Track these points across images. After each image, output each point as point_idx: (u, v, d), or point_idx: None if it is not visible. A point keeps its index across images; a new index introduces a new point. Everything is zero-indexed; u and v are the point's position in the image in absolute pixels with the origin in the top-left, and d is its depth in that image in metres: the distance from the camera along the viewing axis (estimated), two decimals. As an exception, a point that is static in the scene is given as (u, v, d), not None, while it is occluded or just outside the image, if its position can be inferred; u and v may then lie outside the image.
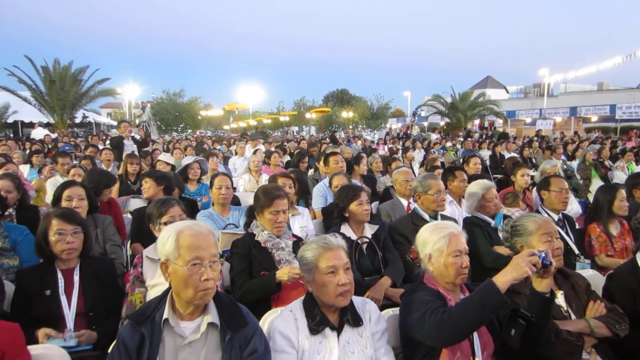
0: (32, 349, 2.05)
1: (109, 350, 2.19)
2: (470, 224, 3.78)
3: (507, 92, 54.87)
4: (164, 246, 1.92)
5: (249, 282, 2.92)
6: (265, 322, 2.36)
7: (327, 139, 15.05)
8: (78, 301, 2.75)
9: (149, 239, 3.60)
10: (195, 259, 1.87)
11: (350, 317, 2.21)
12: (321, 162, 6.62)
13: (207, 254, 1.90)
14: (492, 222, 3.82)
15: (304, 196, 5.45)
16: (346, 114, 45.22)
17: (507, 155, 10.89)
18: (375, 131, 45.01)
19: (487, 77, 58.70)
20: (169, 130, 42.80)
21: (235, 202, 5.04)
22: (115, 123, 34.81)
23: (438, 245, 2.33)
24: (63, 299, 2.73)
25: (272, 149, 10.60)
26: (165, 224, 2.93)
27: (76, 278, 2.81)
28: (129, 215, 4.83)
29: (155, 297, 2.04)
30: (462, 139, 18.75)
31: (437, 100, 32.88)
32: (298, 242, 3.25)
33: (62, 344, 2.44)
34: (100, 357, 2.64)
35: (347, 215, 3.56)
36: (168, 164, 6.38)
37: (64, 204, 3.62)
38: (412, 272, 3.48)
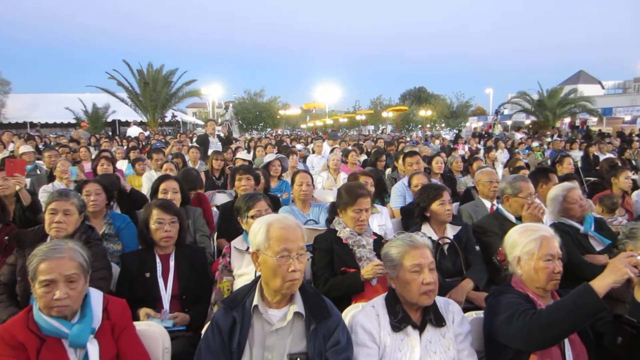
0: (137, 324, 2.25)
1: (203, 331, 2.37)
2: (558, 231, 3.56)
3: (603, 87, 50.70)
4: (255, 237, 2.04)
5: (334, 279, 2.99)
6: (347, 316, 2.40)
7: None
8: (173, 284, 2.98)
9: (235, 233, 3.81)
10: (284, 251, 1.96)
11: (433, 317, 2.19)
12: (400, 161, 6.56)
13: (294, 246, 1.98)
14: (582, 228, 3.56)
15: (380, 195, 5.44)
16: (424, 113, 44.24)
17: (601, 156, 10.10)
18: (455, 130, 43.62)
19: (579, 71, 54.56)
20: (249, 129, 44.44)
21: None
22: (200, 122, 36.80)
23: (528, 248, 2.25)
24: (160, 281, 2.97)
25: (349, 147, 10.68)
26: (252, 217, 3.08)
27: (172, 263, 3.05)
28: (215, 209, 5.11)
29: (245, 285, 2.16)
30: (550, 139, 17.63)
31: (523, 98, 31.08)
32: (379, 240, 3.28)
33: (159, 323, 2.65)
34: (192, 338, 2.84)
35: (428, 215, 3.52)
36: (245, 160, 6.67)
37: (160, 196, 3.93)
38: (497, 275, 3.38)
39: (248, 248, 3.08)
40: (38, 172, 7.75)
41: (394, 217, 5.07)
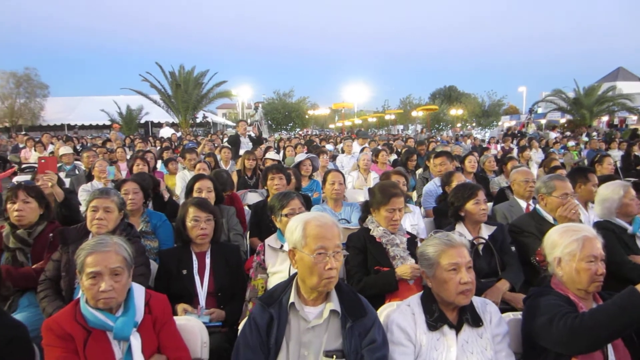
0: (176, 319, 2.31)
1: (240, 327, 2.41)
2: (603, 229, 3.45)
3: (644, 84, 48.61)
4: (292, 235, 2.06)
5: (368, 278, 3.00)
6: (382, 314, 2.39)
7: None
8: (209, 281, 3.04)
9: (267, 231, 3.86)
10: (321, 249, 1.98)
11: (470, 317, 2.16)
12: (431, 161, 6.50)
13: (331, 244, 1.99)
14: (630, 228, 3.44)
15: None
16: (455, 112, 43.57)
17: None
18: (487, 129, 42.79)
19: (618, 68, 52.48)
20: (278, 129, 44.79)
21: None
22: (230, 123, 37.29)
23: (569, 248, 2.20)
24: (197, 278, 3.04)
25: (379, 147, 10.63)
26: (286, 215, 3.12)
27: (208, 261, 3.11)
28: (247, 208, 5.18)
29: (282, 282, 2.18)
30: (586, 138, 17.09)
31: (558, 96, 30.20)
32: (413, 239, 3.26)
33: (197, 318, 2.70)
34: (227, 334, 2.89)
35: (462, 214, 3.47)
36: (275, 160, 6.72)
37: (194, 194, 4.01)
38: (534, 276, 3.31)
39: (282, 246, 3.12)
40: (77, 172, 8.03)
41: (427, 217, 5.03)
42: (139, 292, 2.14)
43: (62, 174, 6.82)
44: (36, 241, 3.21)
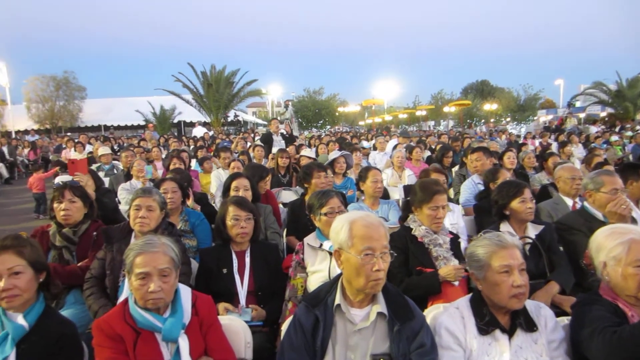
0: (220, 319, 2.30)
1: (283, 328, 2.38)
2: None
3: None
4: (337, 235, 2.01)
5: (409, 279, 2.92)
6: (428, 317, 2.32)
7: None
8: (249, 280, 3.03)
9: (305, 230, 3.83)
10: (368, 250, 1.92)
11: (524, 321, 2.06)
12: (468, 157, 6.33)
13: (378, 245, 1.94)
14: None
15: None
16: (489, 107, 42.54)
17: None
18: (522, 124, 41.59)
19: (663, 58, 50.15)
20: (309, 127, 44.84)
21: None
22: (260, 121, 37.57)
23: (615, 252, 2.06)
24: (237, 277, 3.03)
25: (412, 143, 10.47)
26: (326, 214, 3.07)
27: (247, 260, 3.10)
28: (281, 206, 5.17)
29: (326, 282, 2.14)
30: (630, 132, 16.38)
31: (599, 88, 29.06)
32: (456, 239, 3.16)
33: (238, 317, 2.69)
34: (268, 334, 2.87)
35: (507, 213, 3.34)
36: (310, 158, 6.68)
37: (231, 193, 4.01)
38: (585, 278, 3.16)
39: (321, 245, 3.08)
40: (115, 171, 8.22)
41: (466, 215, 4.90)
42: (186, 293, 2.14)
43: (101, 174, 6.99)
44: (81, 239, 3.28)
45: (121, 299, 2.84)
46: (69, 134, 24.03)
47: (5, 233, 7.18)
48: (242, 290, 3.00)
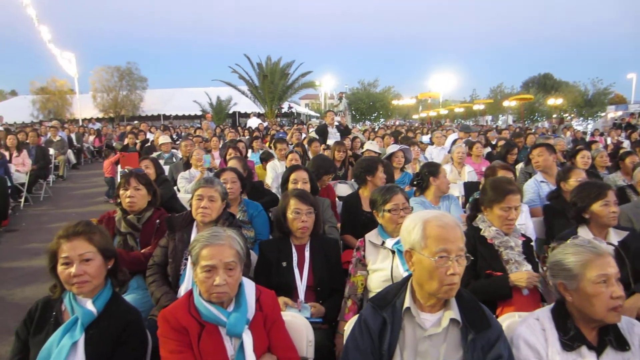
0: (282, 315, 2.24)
1: (345, 327, 2.30)
2: None
3: None
4: (409, 235, 1.89)
5: (476, 283, 2.75)
6: (502, 326, 2.16)
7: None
8: (308, 275, 2.97)
9: (360, 225, 3.72)
10: (442, 252, 1.79)
11: (614, 338, 1.87)
12: (532, 153, 5.97)
13: (454, 247, 1.80)
14: None
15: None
16: (553, 101, 40.35)
17: None
18: (589, 120, 39.17)
19: None
20: (362, 119, 44.45)
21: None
22: (312, 113, 37.63)
23: None
24: (296, 271, 2.97)
25: (471, 139, 10.06)
26: (389, 211, 2.95)
27: (307, 254, 3.03)
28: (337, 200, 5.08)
29: (394, 284, 2.03)
30: None
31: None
32: (528, 242, 2.95)
33: (297, 313, 2.64)
34: (327, 331, 2.80)
35: (587, 216, 3.09)
36: (375, 152, 6.53)
37: (290, 186, 3.97)
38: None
39: (383, 242, 2.96)
40: (174, 160, 8.45)
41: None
42: (250, 288, 2.09)
43: (161, 161, 7.18)
44: (144, 227, 3.33)
45: (182, 287, 2.86)
46: (131, 123, 25.06)
47: (72, 216, 7.56)
48: (301, 285, 2.94)
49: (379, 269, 2.92)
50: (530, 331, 1.95)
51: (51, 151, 11.46)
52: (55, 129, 14.36)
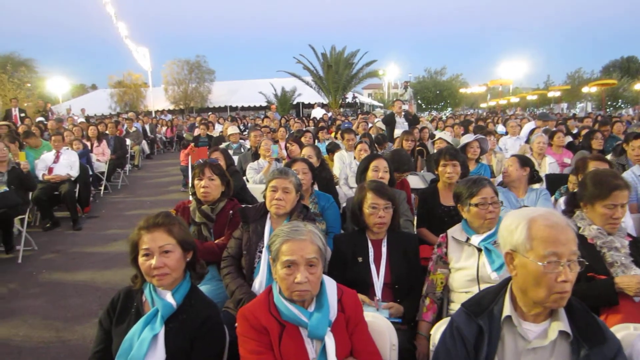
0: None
1: (431, 331, 2.13)
2: None
3: None
4: (511, 235, 1.68)
5: (576, 286, 2.46)
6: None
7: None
8: (385, 272, 2.82)
9: (437, 220, 3.51)
10: (552, 255, 1.57)
11: None
12: (630, 144, 5.41)
13: (566, 250, 1.58)
14: None
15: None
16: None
17: None
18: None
19: None
20: (428, 109, 43.24)
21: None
22: (376, 103, 37.12)
23: None
24: (372, 267, 2.83)
25: (549, 127, 9.39)
26: (477, 205, 2.73)
27: (384, 250, 2.88)
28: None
29: (491, 287, 1.83)
30: None
31: None
32: (636, 242, 2.62)
33: (375, 312, 2.50)
34: (407, 333, 2.64)
35: None
36: (447, 142, 6.22)
37: (370, 174, 3.83)
38: None
39: (468, 239, 2.75)
40: (242, 150, 8.57)
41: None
42: (332, 287, 1.97)
43: (230, 152, 7.28)
44: (218, 217, 3.32)
45: (256, 280, 2.82)
46: (199, 114, 25.95)
47: (146, 204, 7.87)
48: (378, 282, 2.80)
49: (463, 268, 2.71)
50: (654, 348, 1.69)
51: (127, 141, 12.06)
52: (131, 120, 15.15)
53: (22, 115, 15.29)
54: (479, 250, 2.67)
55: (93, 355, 2.04)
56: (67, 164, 7.51)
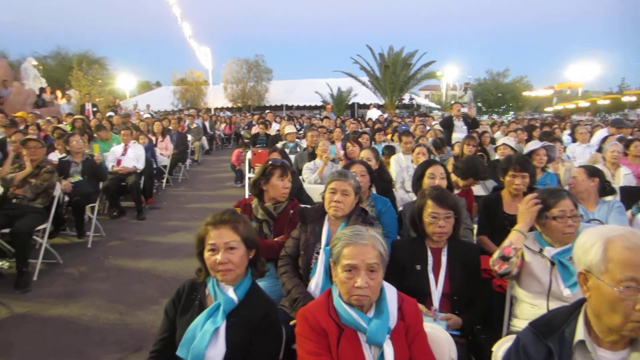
0: (421, 327, 2.07)
1: (496, 349, 2.05)
2: None
3: None
4: (585, 254, 1.58)
5: None
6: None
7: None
8: (444, 282, 2.75)
9: (501, 229, 3.37)
10: (631, 280, 1.45)
11: None
12: None
13: (648, 276, 1.46)
14: None
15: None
16: None
17: None
18: None
19: None
20: (489, 112, 41.79)
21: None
22: (433, 105, 36.36)
23: None
24: (431, 276, 2.77)
25: (624, 135, 8.80)
26: (554, 218, 2.57)
27: (444, 259, 2.81)
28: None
29: (562, 308, 1.74)
30: None
31: None
32: None
33: (433, 323, 2.45)
34: (464, 346, 2.57)
35: None
36: (511, 148, 6.00)
37: (426, 181, 3.76)
38: None
39: (541, 250, 2.62)
40: (298, 149, 8.65)
41: None
42: (392, 295, 1.96)
43: (286, 150, 7.37)
44: (279, 216, 3.38)
45: (313, 280, 2.83)
46: (256, 112, 26.51)
47: (205, 198, 8.16)
48: (437, 292, 2.73)
49: (535, 276, 2.58)
50: None
51: (189, 137, 12.53)
52: (192, 117, 15.72)
53: (95, 109, 16.30)
54: (552, 263, 2.53)
55: (158, 342, 2.13)
56: (134, 157, 7.93)
